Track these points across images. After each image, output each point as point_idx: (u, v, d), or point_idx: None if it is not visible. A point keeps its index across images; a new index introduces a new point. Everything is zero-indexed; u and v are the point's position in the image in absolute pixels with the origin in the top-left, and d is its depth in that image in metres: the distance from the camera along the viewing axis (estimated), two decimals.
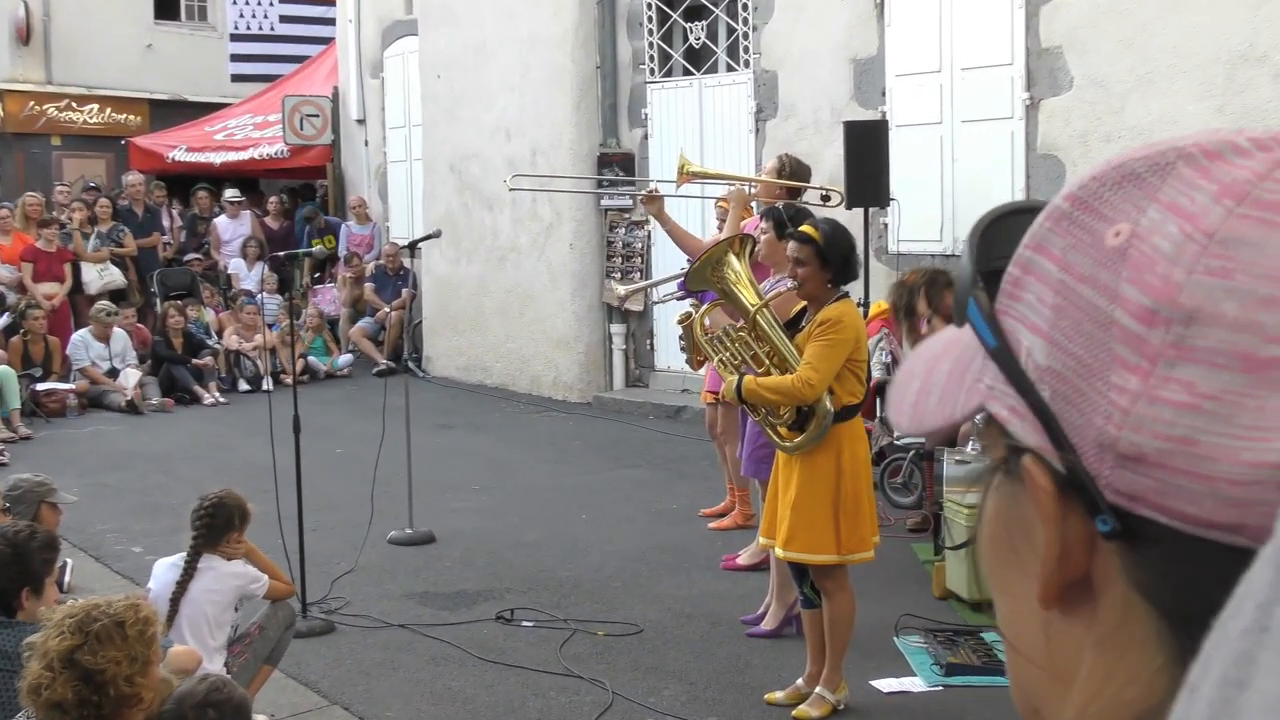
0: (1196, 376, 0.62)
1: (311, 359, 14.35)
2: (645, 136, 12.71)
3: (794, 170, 7.47)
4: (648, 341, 12.73)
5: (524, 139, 13.34)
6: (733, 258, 5.24)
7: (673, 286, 8.18)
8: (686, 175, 7.61)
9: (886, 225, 10.55)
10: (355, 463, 9.97)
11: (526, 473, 9.91)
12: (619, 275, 12.76)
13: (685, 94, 12.34)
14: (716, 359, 5.25)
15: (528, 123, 13.30)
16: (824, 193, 7.77)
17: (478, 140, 13.93)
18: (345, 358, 15.00)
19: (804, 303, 5.22)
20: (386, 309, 15.12)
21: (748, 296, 5.22)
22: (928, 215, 10.22)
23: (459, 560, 7.56)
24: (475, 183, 14.04)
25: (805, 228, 5.13)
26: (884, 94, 10.61)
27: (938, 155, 10.20)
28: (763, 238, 5.91)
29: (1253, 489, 0.60)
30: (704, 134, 12.18)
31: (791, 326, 5.19)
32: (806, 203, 7.41)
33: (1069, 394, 0.66)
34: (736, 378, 5.10)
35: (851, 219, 10.17)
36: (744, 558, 7.27)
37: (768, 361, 5.11)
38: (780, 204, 6.47)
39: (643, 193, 7.62)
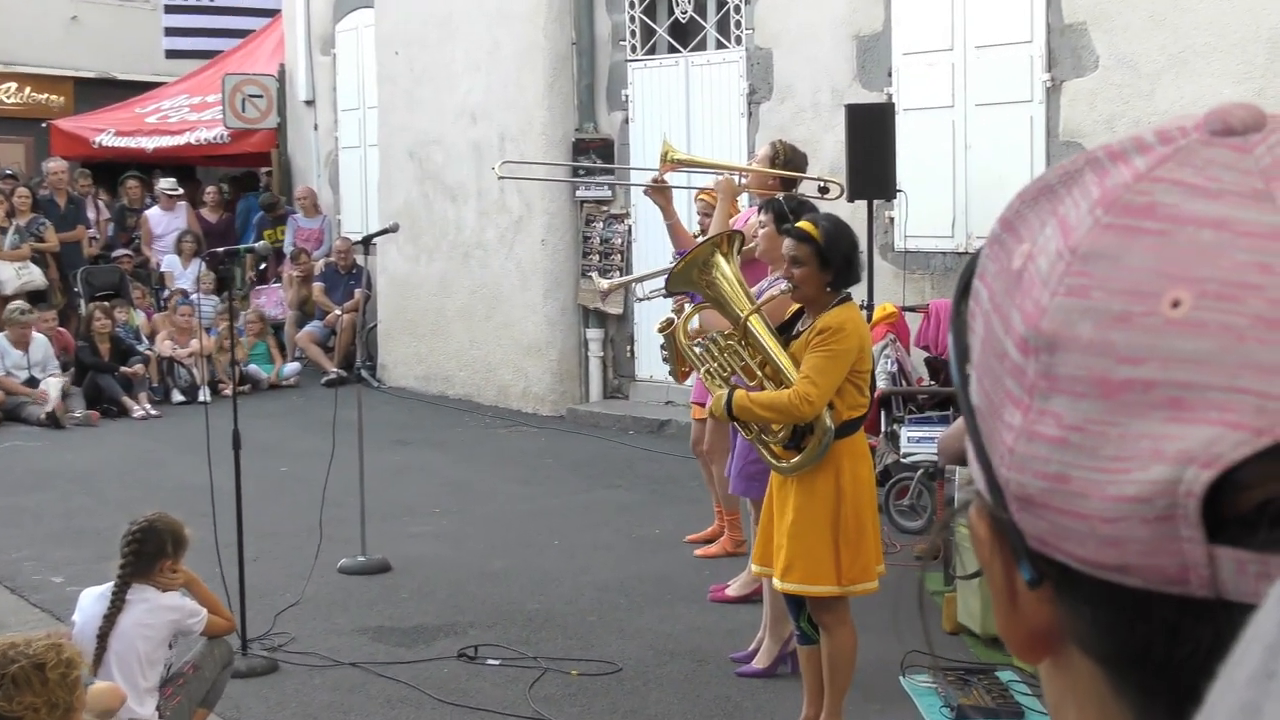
0: (1063, 408, 0.63)
1: (253, 367, 14.33)
2: (626, 121, 12.73)
3: (789, 158, 7.49)
4: (628, 348, 12.75)
5: (491, 123, 13.35)
6: (720, 258, 5.25)
7: (659, 283, 8.20)
8: (670, 163, 7.63)
9: (892, 220, 10.58)
10: (301, 483, 9.94)
11: (492, 494, 9.90)
12: (596, 273, 12.77)
13: (670, 74, 12.37)
14: (703, 370, 5.25)
15: (495, 105, 13.31)
16: (822, 184, 7.80)
17: (440, 124, 13.94)
18: (291, 366, 14.98)
19: (798, 306, 5.24)
20: (337, 312, 15.11)
21: (737, 301, 5.22)
22: (938, 208, 10.25)
23: (417, 591, 7.55)
24: (437, 171, 14.04)
25: (803, 224, 5.13)
26: (890, 74, 10.65)
27: (949, 142, 10.24)
28: (761, 232, 5.92)
29: (1122, 525, 0.61)
30: (691, 118, 12.20)
31: (786, 331, 5.20)
32: (803, 195, 7.43)
33: (988, 435, 0.68)
34: (726, 392, 5.08)
35: (854, 213, 10.21)
36: (734, 588, 7.28)
37: (760, 373, 5.11)
38: (780, 195, 6.49)
39: (649, 182, 7.62)
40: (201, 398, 13.61)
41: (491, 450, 11.53)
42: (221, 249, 6.73)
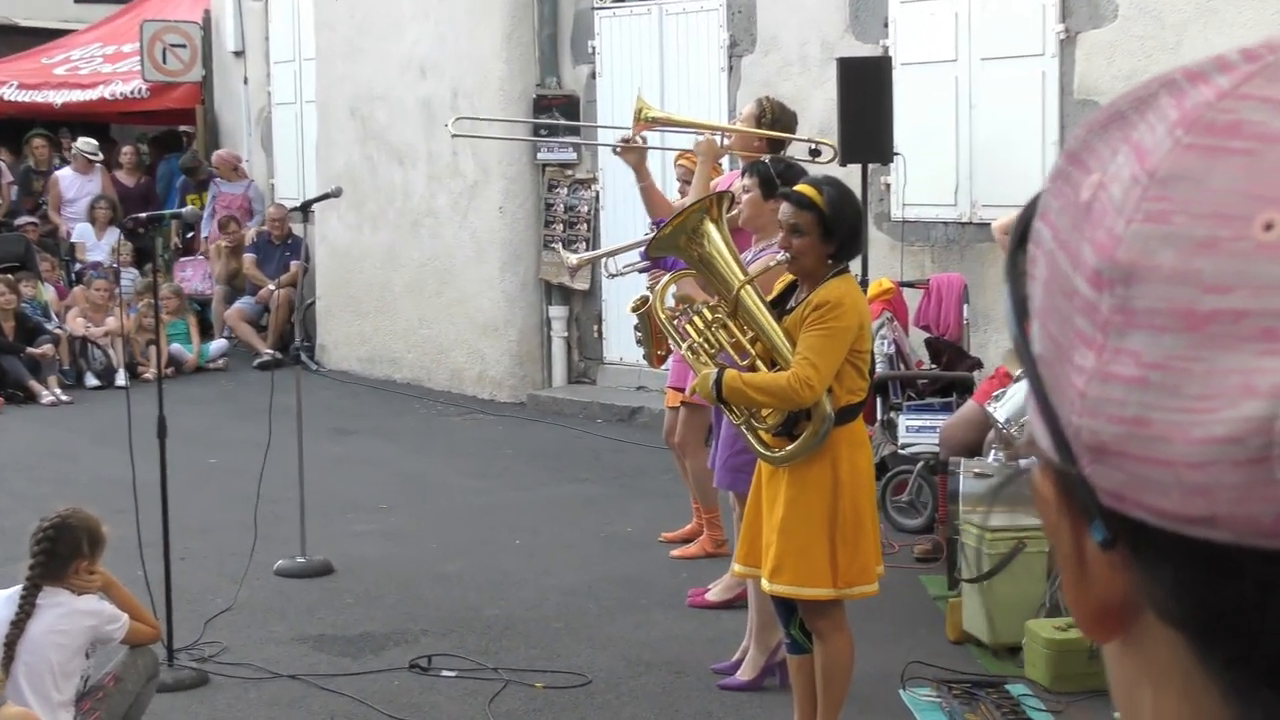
0: (1141, 345, 0.64)
1: (176, 347, 14.25)
2: (593, 75, 12.70)
3: (777, 117, 7.52)
4: (595, 327, 12.73)
5: (442, 77, 13.30)
6: (711, 224, 5.23)
7: (635, 256, 8.19)
8: (644, 121, 7.65)
9: (889, 186, 10.59)
10: (233, 476, 9.91)
11: (445, 489, 9.89)
12: (560, 245, 12.75)
13: (642, 23, 12.35)
14: (685, 346, 5.23)
15: (446, 58, 13.26)
16: (813, 145, 7.81)
17: (385, 78, 13.88)
18: (217, 344, 14.92)
19: (791, 278, 5.23)
20: (271, 287, 15.05)
21: (729, 271, 5.20)
22: (939, 174, 10.27)
23: (363, 596, 7.54)
24: (381, 131, 13.99)
25: (804, 188, 5.11)
26: (886, 25, 10.66)
27: (952, 100, 10.25)
28: (745, 198, 5.92)
29: (1209, 471, 0.62)
30: (665, 72, 12.18)
31: (777, 306, 5.20)
32: (791, 158, 7.44)
33: (1054, 383, 0.68)
34: (714, 371, 5.06)
35: (846, 178, 10.13)
36: (714, 593, 7.29)
37: (752, 351, 5.10)
38: (766, 158, 6.49)
39: (619, 141, 7.64)
40: (119, 382, 13.57)
41: (444, 440, 11.51)
42: (143, 215, 6.67)
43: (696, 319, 5.22)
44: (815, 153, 7.82)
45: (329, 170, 14.32)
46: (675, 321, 5.36)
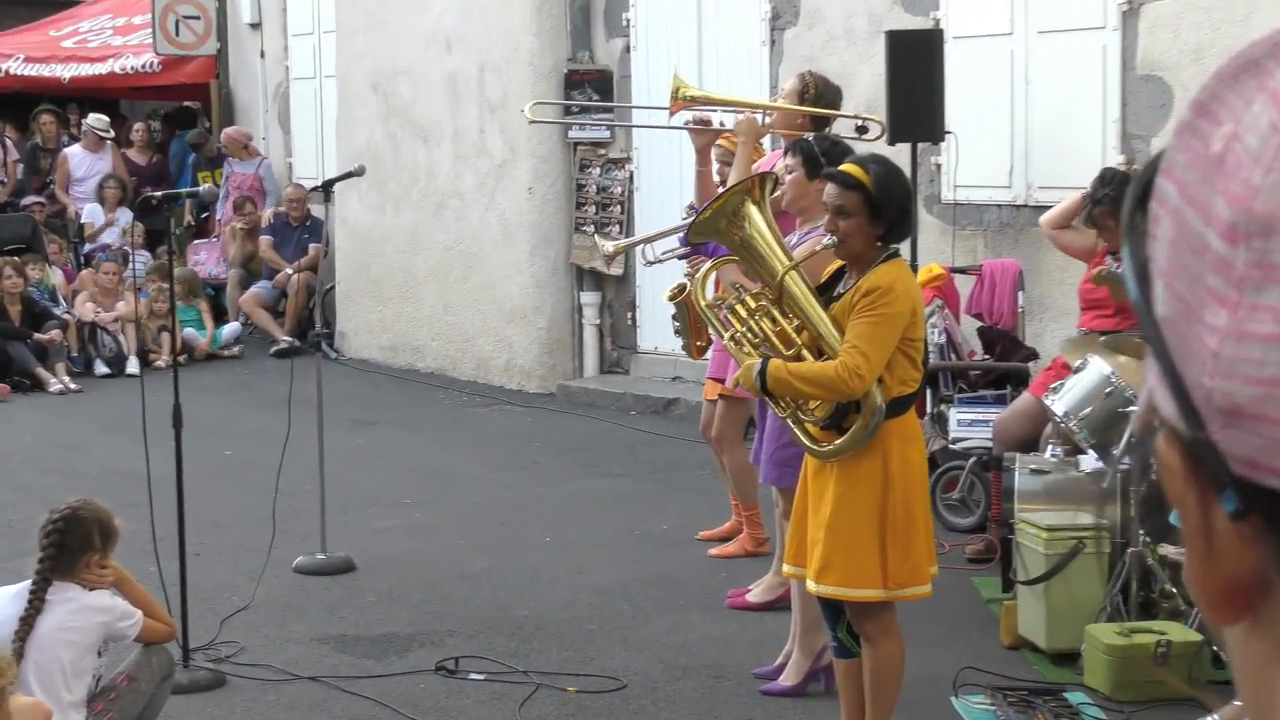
0: None
1: (189, 331, 14.30)
2: (627, 49, 12.68)
3: (821, 92, 7.51)
4: (629, 315, 12.73)
5: (469, 51, 13.31)
6: (753, 206, 5.21)
7: (674, 242, 8.19)
8: (683, 101, 7.63)
9: (940, 166, 10.55)
10: (250, 469, 9.95)
11: (471, 483, 9.90)
12: (592, 228, 12.75)
13: None
14: (727, 336, 5.22)
15: (473, 30, 13.27)
16: (860, 122, 7.78)
17: (408, 52, 13.89)
18: (231, 327, 14.97)
19: (840, 263, 5.22)
20: (288, 271, 15.09)
21: (773, 256, 5.18)
22: (994, 153, 10.23)
23: (386, 595, 7.56)
24: (404, 107, 14.00)
25: (849, 167, 5.10)
26: None
27: (1007, 76, 10.21)
28: (788, 178, 5.91)
29: None
30: (703, 47, 12.16)
31: (824, 293, 5.18)
32: (837, 135, 7.42)
33: (1180, 345, 0.68)
34: (758, 361, 5.05)
35: (895, 158, 10.15)
36: (756, 593, 7.29)
37: (798, 340, 5.08)
38: (810, 136, 6.48)
39: (689, 120, 7.62)
40: (130, 369, 13.63)
41: (470, 432, 11.53)
42: (158, 193, 6.69)
43: (739, 307, 5.19)
44: (862, 129, 7.78)
45: (349, 149, 14.34)
46: (716, 310, 5.34)
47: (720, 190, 6.29)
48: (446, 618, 7.21)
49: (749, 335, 5.16)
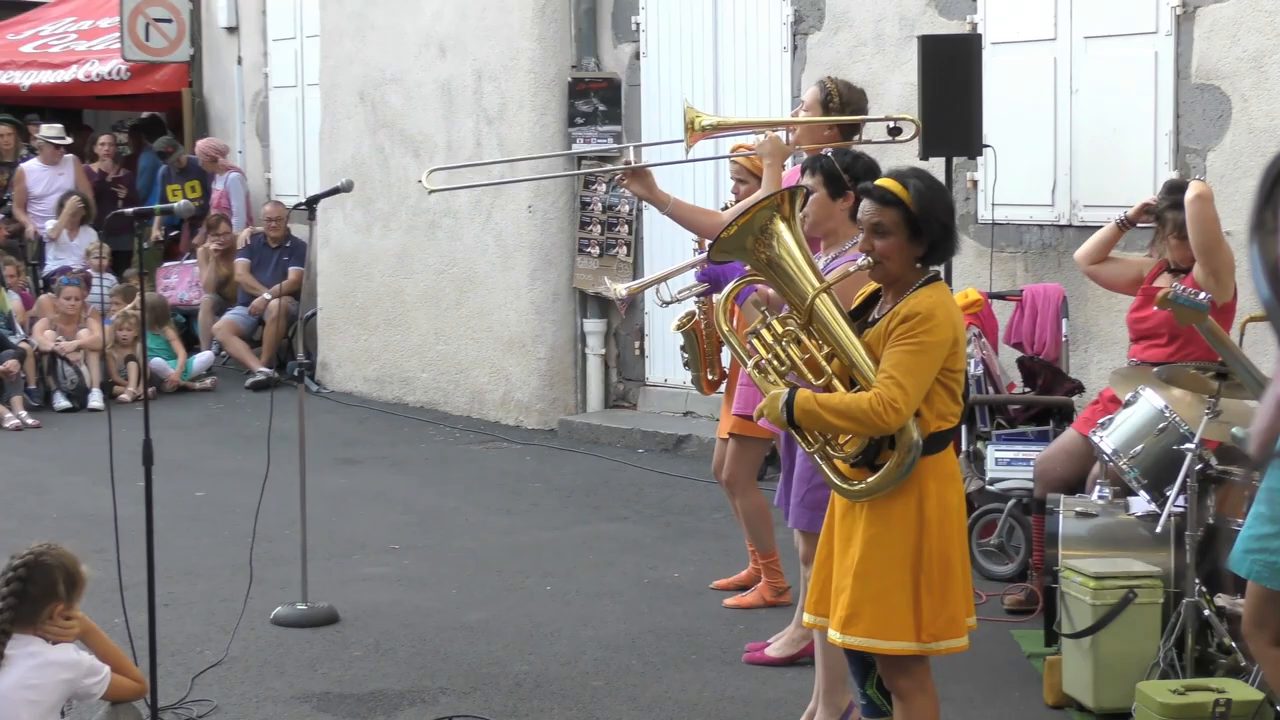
0: None
1: (157, 362, 14.33)
2: (637, 56, 12.74)
3: (846, 99, 7.47)
4: (636, 344, 12.76)
5: (464, 57, 13.37)
6: (781, 223, 5.18)
7: (690, 278, 8.19)
8: (699, 131, 7.57)
9: (976, 183, 10.59)
10: (224, 512, 9.96)
11: (466, 527, 9.91)
12: (598, 249, 12.78)
13: None
14: (751, 363, 5.22)
15: (470, 34, 13.32)
16: (891, 124, 7.71)
17: (398, 58, 13.95)
18: (203, 356, 14.99)
19: (874, 287, 5.22)
20: (266, 295, 15.13)
21: (802, 277, 5.14)
22: (1035, 169, 10.26)
23: (373, 648, 7.56)
24: (394, 118, 14.06)
25: (887, 181, 5.09)
26: None
27: (1050, 85, 10.25)
28: (811, 199, 5.92)
29: None
30: (719, 54, 12.22)
31: (857, 319, 5.20)
32: (867, 142, 7.43)
33: None
34: (785, 391, 5.03)
35: (933, 176, 10.21)
36: (776, 647, 7.30)
37: (829, 369, 5.09)
38: (828, 150, 6.48)
39: (619, 168, 7.58)
40: (93, 403, 13.66)
41: (464, 472, 11.54)
42: (130, 210, 6.71)
43: (765, 332, 5.15)
44: (895, 131, 7.67)
45: (334, 163, 14.40)
46: (739, 335, 5.34)
47: (746, 205, 6.27)
48: (439, 674, 7.20)
49: (775, 363, 5.13)
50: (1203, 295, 6.56)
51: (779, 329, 5.13)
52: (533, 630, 7.80)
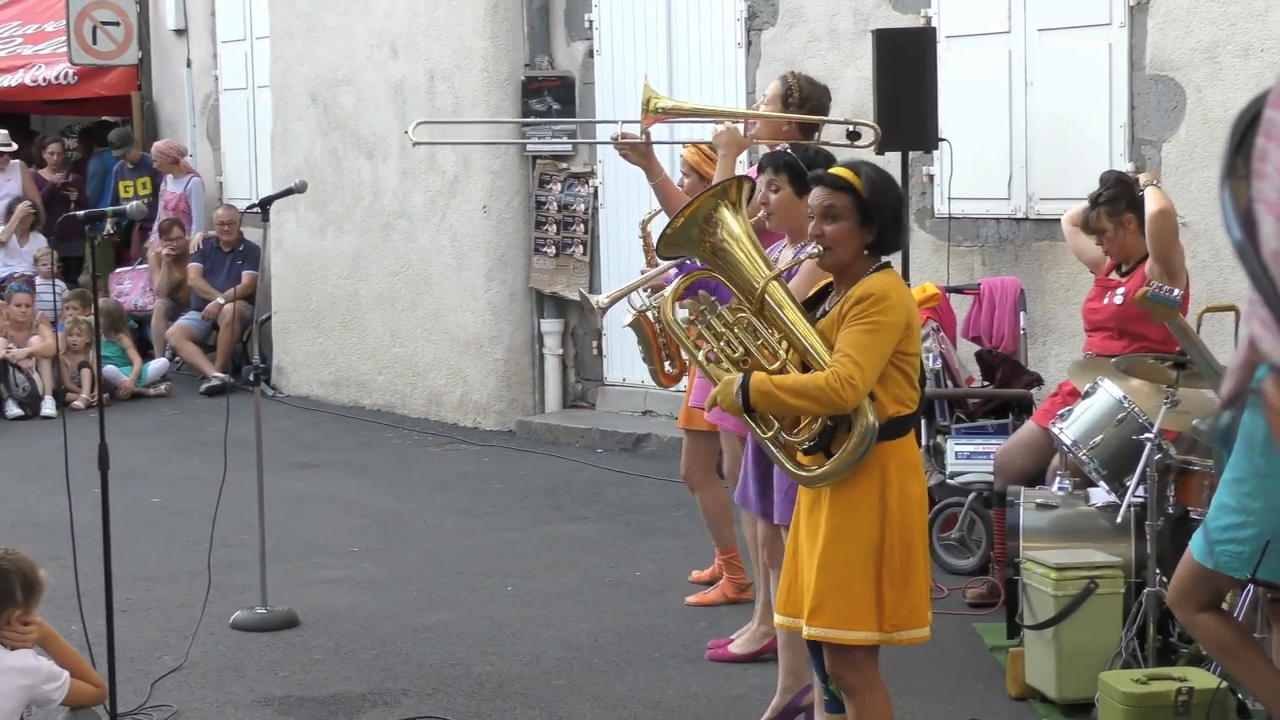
0: None
1: (110, 369, 14.29)
2: (590, 53, 12.75)
3: (807, 95, 7.42)
4: (594, 344, 12.77)
5: (417, 57, 13.36)
6: (727, 212, 5.23)
7: (674, 277, 8.17)
8: (655, 114, 7.56)
9: (933, 177, 10.63)
10: (180, 517, 9.96)
11: (425, 529, 9.92)
12: (552, 251, 12.79)
13: None
14: (701, 354, 5.25)
15: (422, 34, 13.32)
16: (851, 127, 7.77)
17: (350, 59, 13.94)
18: (158, 363, 14.96)
19: (825, 281, 5.27)
20: (220, 300, 15.10)
21: (751, 266, 5.19)
22: (991, 162, 10.31)
23: (333, 651, 7.56)
24: (347, 119, 14.04)
25: (840, 170, 5.15)
26: None
27: (1005, 78, 10.31)
28: (774, 197, 5.89)
29: None
30: (673, 51, 12.24)
31: (810, 310, 5.24)
32: (825, 144, 7.42)
33: None
34: (739, 375, 5.06)
35: (884, 168, 10.24)
36: (739, 644, 7.32)
37: (783, 354, 5.11)
38: (785, 146, 6.48)
39: (616, 137, 7.49)
40: (46, 411, 13.62)
41: (422, 474, 11.54)
42: (81, 212, 6.70)
43: (715, 321, 5.19)
44: (854, 135, 7.73)
45: (286, 165, 14.37)
46: (689, 324, 5.32)
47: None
48: (400, 676, 7.20)
49: (727, 350, 5.17)
50: (1175, 292, 6.66)
51: (729, 317, 5.18)
52: (494, 631, 7.82)
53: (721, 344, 5.16)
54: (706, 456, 8.07)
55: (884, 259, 5.18)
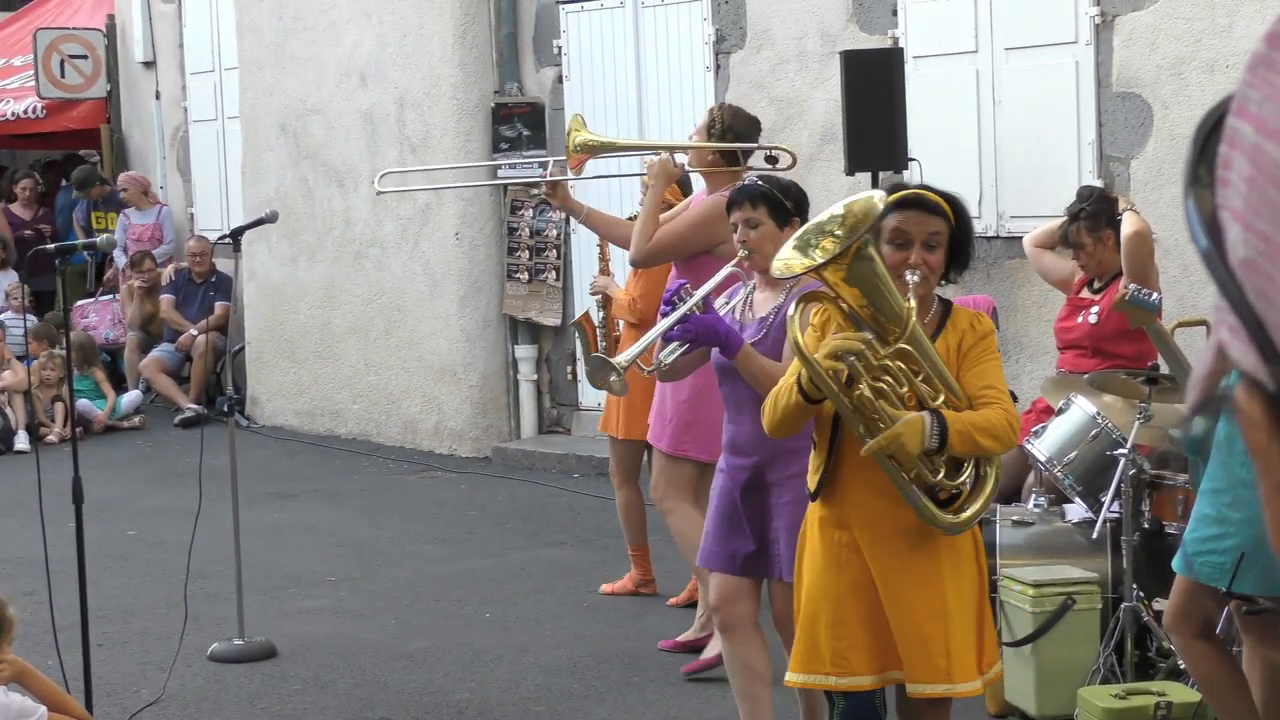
0: None
1: (84, 403, 14.25)
2: (560, 79, 12.77)
3: (730, 124, 7.58)
4: (568, 369, 12.77)
5: (386, 86, 13.37)
6: (872, 248, 4.74)
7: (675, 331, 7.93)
8: (577, 151, 7.68)
9: None
10: (156, 549, 9.93)
11: (402, 558, 9.90)
12: (525, 278, 12.80)
13: (615, 18, 12.44)
14: (866, 388, 4.66)
15: (391, 63, 13.33)
16: (769, 153, 7.92)
17: (320, 89, 13.94)
18: (132, 396, 14.92)
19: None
20: (192, 331, 15.06)
21: (896, 295, 4.74)
22: (961, 181, 10.23)
23: (312, 682, 7.55)
24: (317, 149, 14.04)
25: (931, 194, 4.86)
26: (896, 13, 10.75)
27: (973, 97, 10.34)
28: (753, 233, 5.68)
29: None
30: (642, 75, 12.26)
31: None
32: (749, 169, 7.58)
33: (1263, 286, 0.71)
34: (925, 415, 4.63)
35: (853, 188, 10.30)
36: (686, 636, 7.66)
37: (942, 391, 4.72)
38: (753, 177, 6.42)
39: (543, 187, 7.81)
40: (19, 445, 13.57)
41: (398, 502, 11.52)
42: (51, 246, 6.70)
43: (868, 353, 4.65)
44: (773, 160, 7.90)
45: (257, 196, 14.36)
46: (832, 357, 4.66)
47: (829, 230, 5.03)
48: (380, 704, 7.19)
49: (894, 386, 4.69)
50: (1155, 296, 6.69)
51: (881, 350, 4.70)
52: (473, 658, 7.81)
53: (886, 380, 4.70)
54: (628, 460, 8.39)
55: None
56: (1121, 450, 6.43)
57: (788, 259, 4.78)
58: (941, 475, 4.69)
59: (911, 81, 9.96)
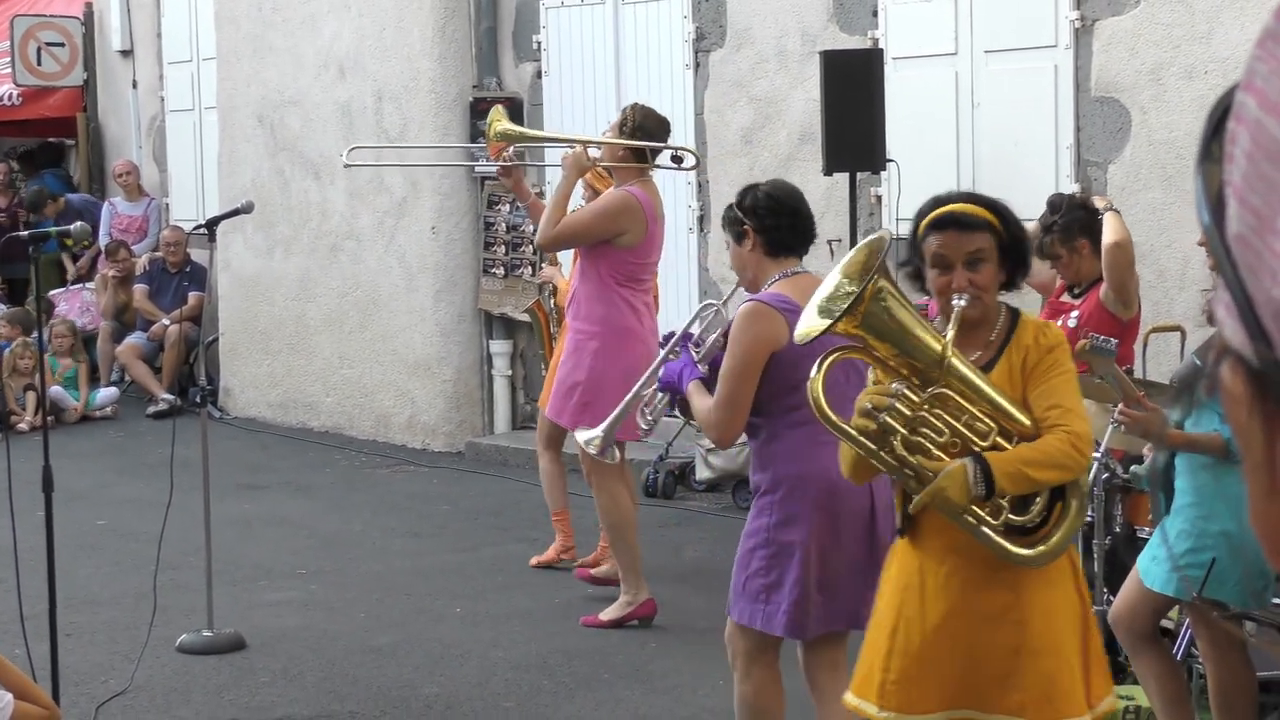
0: None
1: (57, 390, 14.19)
2: (539, 74, 12.76)
3: (640, 124, 8.12)
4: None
5: (364, 78, 13.35)
6: (886, 280, 4.48)
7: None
8: (495, 139, 8.57)
9: (880, 198, 10.67)
10: (126, 540, 9.90)
11: (373, 551, 9.90)
12: (500, 273, 12.78)
13: (595, 15, 12.43)
14: (899, 443, 4.41)
15: (369, 55, 13.31)
16: (675, 153, 8.54)
17: (298, 80, 13.91)
18: (107, 392, 14.87)
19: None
20: (165, 321, 15.02)
21: (926, 332, 4.47)
22: (939, 183, 10.18)
23: (280, 674, 7.54)
24: (294, 140, 14.01)
25: (968, 208, 4.57)
26: (876, 14, 10.76)
27: (952, 99, 10.36)
28: (732, 249, 5.66)
29: None
30: (621, 72, 12.25)
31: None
32: (657, 167, 8.27)
33: (1252, 262, 0.71)
34: (967, 462, 4.32)
35: (831, 189, 10.33)
36: (607, 613, 8.05)
37: (993, 426, 4.43)
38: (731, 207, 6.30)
39: (498, 170, 8.57)
40: None
41: (370, 496, 11.51)
42: (25, 233, 6.67)
43: (900, 404, 4.39)
44: (678, 160, 8.46)
45: (233, 187, 14.32)
46: (875, 411, 4.40)
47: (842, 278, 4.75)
48: (348, 698, 7.19)
49: (932, 436, 4.40)
50: (1111, 342, 6.81)
51: (914, 397, 4.42)
52: (442, 653, 7.81)
53: (923, 433, 4.42)
54: (554, 428, 8.66)
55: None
56: (1095, 454, 6.44)
57: (808, 326, 4.54)
58: (1006, 515, 4.40)
59: (891, 83, 9.97)
